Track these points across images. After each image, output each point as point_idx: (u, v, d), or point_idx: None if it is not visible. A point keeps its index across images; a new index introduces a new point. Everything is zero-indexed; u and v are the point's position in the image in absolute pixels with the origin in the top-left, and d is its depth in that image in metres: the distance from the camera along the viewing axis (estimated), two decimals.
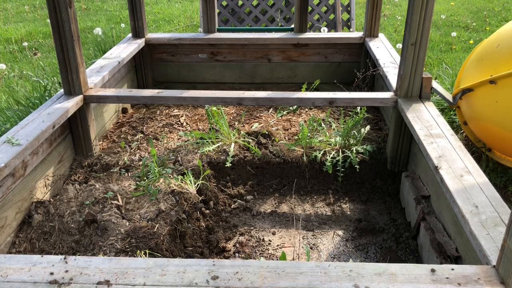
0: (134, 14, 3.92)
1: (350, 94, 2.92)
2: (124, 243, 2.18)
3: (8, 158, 2.16)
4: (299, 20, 4.08)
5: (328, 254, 2.48)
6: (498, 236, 1.62)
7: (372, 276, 1.45)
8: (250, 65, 4.08)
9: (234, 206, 2.87)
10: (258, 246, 2.54)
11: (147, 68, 4.11)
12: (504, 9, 8.11)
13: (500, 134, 2.66)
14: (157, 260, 1.53)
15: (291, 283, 1.43)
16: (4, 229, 2.21)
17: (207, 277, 1.46)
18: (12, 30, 7.31)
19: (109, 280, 1.45)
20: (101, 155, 3.01)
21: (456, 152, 2.23)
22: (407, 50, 2.65)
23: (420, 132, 2.43)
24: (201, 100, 2.96)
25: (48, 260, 1.55)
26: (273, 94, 2.96)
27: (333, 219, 2.76)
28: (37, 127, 2.47)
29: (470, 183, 1.96)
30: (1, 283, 1.45)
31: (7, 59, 5.97)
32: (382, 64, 3.41)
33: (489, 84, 2.60)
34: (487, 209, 1.78)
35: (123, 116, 3.67)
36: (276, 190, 3.01)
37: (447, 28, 7.11)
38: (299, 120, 3.46)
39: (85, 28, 7.07)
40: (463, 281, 1.43)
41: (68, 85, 2.85)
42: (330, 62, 4.12)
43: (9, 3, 9.53)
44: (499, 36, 2.75)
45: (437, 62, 5.48)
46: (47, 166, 2.61)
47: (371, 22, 3.96)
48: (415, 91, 2.79)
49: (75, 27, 2.72)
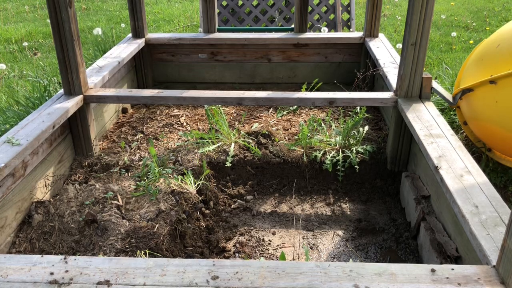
0: (134, 14, 3.92)
1: (350, 94, 2.92)
2: (124, 243, 2.18)
3: (8, 158, 2.16)
4: (299, 20, 4.08)
5: (328, 254, 2.48)
6: (498, 236, 1.62)
7: (372, 276, 1.45)
8: (250, 65, 4.08)
9: (234, 206, 2.87)
10: (258, 246, 2.54)
11: (147, 68, 4.11)
12: (504, 9, 8.11)
13: (500, 134, 2.66)
14: (157, 260, 1.53)
15: (291, 283, 1.43)
16: (4, 229, 2.21)
17: (207, 277, 1.46)
18: (12, 30, 7.32)
19: (109, 280, 1.45)
20: (101, 155, 3.01)
21: (456, 152, 2.23)
22: (407, 50, 2.65)
23: (420, 132, 2.43)
24: (201, 100, 2.96)
25: (48, 260, 1.55)
26: (273, 94, 2.96)
27: (333, 219, 2.76)
28: (37, 127, 2.47)
29: (470, 183, 1.96)
30: (1, 283, 1.45)
31: (7, 59, 5.97)
32: (382, 64, 3.41)
33: (489, 84, 2.60)
34: (487, 209, 1.78)
35: (123, 116, 3.67)
36: (276, 190, 3.01)
37: (447, 28, 7.11)
38: (299, 120, 3.47)
39: (85, 28, 7.07)
40: (463, 281, 1.43)
41: (68, 85, 2.85)
42: (330, 62, 4.12)
43: (9, 3, 9.53)
44: (499, 36, 2.75)
45: (437, 62, 5.48)
46: (47, 166, 2.61)
47: (371, 22, 3.96)
48: (415, 91, 2.79)
49: (75, 27, 2.72)
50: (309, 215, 2.79)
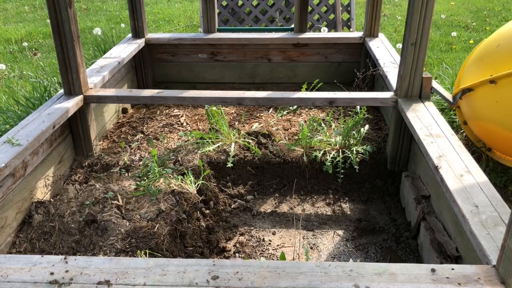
0: (134, 14, 3.92)
1: (350, 94, 2.92)
2: (124, 243, 2.18)
3: (9, 158, 2.16)
4: (299, 20, 4.08)
5: (328, 254, 2.48)
6: (498, 235, 1.62)
7: (372, 276, 1.45)
8: (250, 65, 4.08)
9: (234, 206, 2.87)
10: (258, 246, 2.54)
11: (147, 68, 4.11)
12: (504, 9, 8.11)
13: (500, 133, 2.66)
14: (157, 260, 1.53)
15: (292, 283, 1.43)
16: (5, 229, 2.21)
17: (207, 277, 1.46)
18: (12, 30, 7.32)
19: (109, 280, 1.45)
20: (101, 155, 3.01)
21: (456, 152, 2.23)
22: (407, 50, 2.66)
23: (420, 132, 2.43)
24: (201, 100, 2.96)
25: (49, 260, 1.55)
26: (273, 94, 2.97)
27: (333, 219, 2.76)
28: (37, 127, 2.48)
29: (470, 183, 1.96)
30: (1, 283, 1.45)
31: (7, 59, 5.98)
32: (382, 64, 3.41)
33: (489, 84, 2.60)
34: (487, 208, 1.78)
35: (123, 116, 3.67)
36: (276, 190, 3.01)
37: (447, 28, 7.11)
38: (299, 120, 3.47)
39: (85, 28, 7.08)
40: (463, 281, 1.43)
41: (68, 85, 2.85)
42: (330, 62, 4.12)
43: (9, 3, 9.54)
44: (499, 36, 2.75)
45: (437, 62, 5.48)
46: (47, 166, 2.61)
47: (371, 22, 3.97)
48: (415, 91, 2.80)
49: (75, 27, 2.72)
50: (309, 215, 2.79)
